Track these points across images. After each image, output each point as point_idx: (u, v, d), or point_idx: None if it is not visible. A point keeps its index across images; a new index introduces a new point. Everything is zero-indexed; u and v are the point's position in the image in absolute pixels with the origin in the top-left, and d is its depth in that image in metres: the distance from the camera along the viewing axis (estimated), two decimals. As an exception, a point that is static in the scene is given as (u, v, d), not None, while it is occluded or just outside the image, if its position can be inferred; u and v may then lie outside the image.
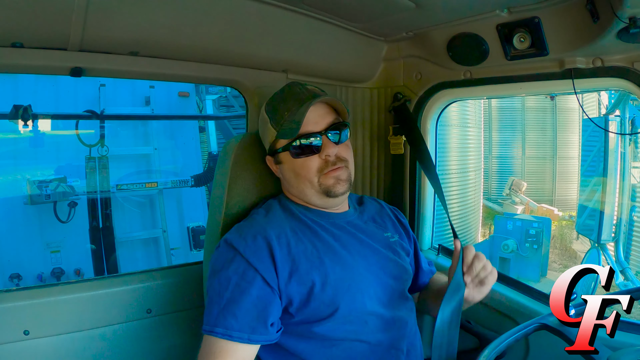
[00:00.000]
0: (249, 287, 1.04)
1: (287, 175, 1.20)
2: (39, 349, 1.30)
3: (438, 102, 1.67)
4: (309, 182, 1.16)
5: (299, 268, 1.08)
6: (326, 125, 1.16)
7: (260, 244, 1.08)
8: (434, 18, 1.40)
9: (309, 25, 1.44)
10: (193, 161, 5.20)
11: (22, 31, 1.12)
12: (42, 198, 4.14)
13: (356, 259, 1.16)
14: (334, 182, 1.16)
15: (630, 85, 1.22)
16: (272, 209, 1.21)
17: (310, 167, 1.15)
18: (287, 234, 1.12)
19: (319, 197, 1.18)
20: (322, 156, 1.15)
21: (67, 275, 4.29)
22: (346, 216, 1.25)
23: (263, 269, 1.06)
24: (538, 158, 11.05)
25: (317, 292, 1.08)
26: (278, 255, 1.08)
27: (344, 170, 1.17)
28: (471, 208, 7.15)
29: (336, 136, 1.17)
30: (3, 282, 4.02)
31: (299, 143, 1.15)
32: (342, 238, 1.18)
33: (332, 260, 1.12)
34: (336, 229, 1.20)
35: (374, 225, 1.29)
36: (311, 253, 1.12)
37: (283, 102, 1.17)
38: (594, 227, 5.81)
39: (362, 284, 1.14)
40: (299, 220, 1.18)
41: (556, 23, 1.23)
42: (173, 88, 5.02)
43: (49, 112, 4.19)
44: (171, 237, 4.85)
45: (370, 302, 1.13)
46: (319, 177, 1.15)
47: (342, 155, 1.17)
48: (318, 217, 1.20)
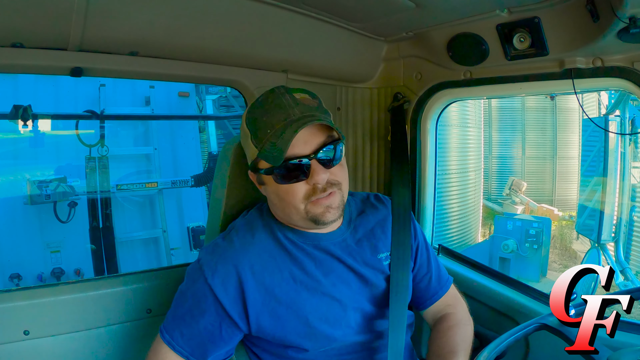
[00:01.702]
0: (200, 316, 1.03)
1: (271, 198, 1.08)
2: (39, 349, 1.29)
3: (438, 102, 1.67)
4: (295, 209, 1.03)
5: (273, 300, 1.03)
6: (317, 146, 1.00)
7: (231, 272, 1.02)
8: (434, 18, 1.40)
9: (308, 25, 1.44)
10: (193, 161, 5.20)
11: (22, 31, 1.12)
12: (42, 198, 4.14)
13: (338, 288, 1.08)
14: (323, 210, 1.02)
15: (630, 85, 1.22)
16: (253, 226, 1.11)
17: (296, 193, 1.01)
18: (263, 261, 1.05)
19: (305, 223, 1.06)
20: (310, 183, 1.00)
21: (67, 275, 4.29)
22: (334, 237, 1.12)
23: (227, 302, 1.02)
24: (538, 158, 11.05)
25: (293, 324, 1.04)
26: (249, 287, 1.02)
27: (335, 196, 1.03)
28: (471, 208, 7.15)
29: (330, 155, 1.02)
30: (3, 282, 4.02)
31: (284, 168, 0.99)
32: (324, 264, 1.09)
33: (309, 291, 1.05)
34: (320, 252, 1.09)
35: (368, 245, 1.16)
36: (287, 283, 1.05)
37: (266, 114, 1.00)
38: (594, 227, 5.82)
39: (341, 315, 1.07)
40: (278, 244, 1.08)
41: (556, 23, 1.23)
42: (173, 88, 5.02)
43: (49, 112, 4.19)
44: (171, 237, 4.85)
45: (350, 332, 1.08)
46: (306, 204, 1.02)
47: (335, 180, 1.03)
48: (301, 240, 1.09)
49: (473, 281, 1.60)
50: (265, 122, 1.00)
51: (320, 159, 1.01)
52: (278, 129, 0.97)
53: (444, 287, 1.26)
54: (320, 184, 1.00)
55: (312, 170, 1.00)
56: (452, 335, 1.15)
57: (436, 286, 1.25)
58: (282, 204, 1.05)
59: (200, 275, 1.03)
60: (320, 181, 1.00)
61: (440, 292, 1.25)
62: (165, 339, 1.05)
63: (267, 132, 0.99)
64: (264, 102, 1.03)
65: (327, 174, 1.01)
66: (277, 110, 0.99)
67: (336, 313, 1.07)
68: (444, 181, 6.37)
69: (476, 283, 1.60)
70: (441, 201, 6.23)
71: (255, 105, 1.04)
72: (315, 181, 1.00)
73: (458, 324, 1.19)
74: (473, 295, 1.58)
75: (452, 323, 1.20)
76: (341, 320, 1.07)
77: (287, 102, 1.00)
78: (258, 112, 1.02)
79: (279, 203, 1.06)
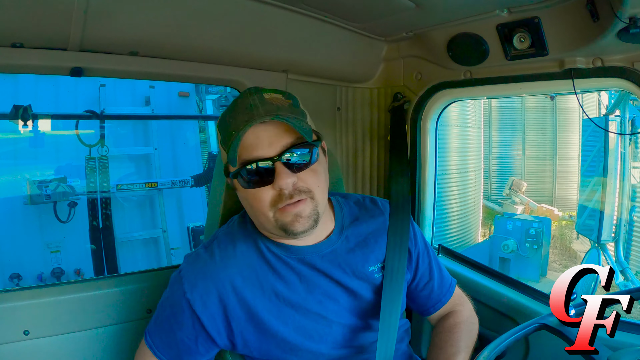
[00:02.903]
0: (177, 328, 1.01)
1: (244, 204, 1.03)
2: (39, 349, 1.29)
3: (438, 102, 1.67)
4: (264, 216, 0.96)
5: (255, 316, 1.00)
6: (282, 148, 0.92)
7: (211, 289, 0.99)
8: (434, 18, 1.40)
9: (309, 25, 1.44)
10: (193, 161, 5.20)
11: (22, 31, 1.12)
12: (42, 198, 4.13)
13: (324, 305, 1.03)
14: (291, 219, 0.94)
15: (630, 85, 1.22)
16: (235, 237, 1.05)
17: (263, 199, 0.94)
18: (244, 276, 1.01)
19: (278, 231, 0.98)
20: (275, 187, 0.93)
21: (67, 275, 4.29)
22: (321, 249, 1.05)
23: (205, 317, 0.99)
24: (538, 158, 11.04)
25: (276, 340, 1.01)
26: (230, 303, 1.00)
27: (305, 204, 0.95)
28: (471, 208, 7.14)
29: (299, 159, 0.94)
30: (3, 282, 4.02)
31: (246, 171, 0.93)
32: (310, 280, 1.03)
33: (293, 308, 1.01)
34: (305, 267, 1.03)
35: (360, 255, 1.08)
36: (269, 300, 1.00)
37: (233, 116, 0.95)
38: (594, 227, 5.81)
39: (327, 331, 1.03)
40: (261, 257, 1.03)
41: (556, 23, 1.23)
42: (173, 88, 5.01)
43: (49, 112, 4.19)
44: (171, 237, 4.85)
45: (336, 345, 1.05)
46: (274, 211, 0.95)
47: (304, 187, 0.94)
48: (284, 253, 1.03)
49: (473, 281, 1.60)
50: (230, 123, 0.95)
51: (286, 162, 0.93)
52: (241, 130, 0.91)
53: (447, 293, 1.22)
54: (285, 189, 0.93)
55: (276, 173, 0.92)
56: (458, 332, 1.13)
57: (439, 293, 1.21)
58: (252, 210, 1.00)
59: (180, 288, 1.01)
60: (284, 186, 0.92)
61: (444, 299, 1.22)
62: (147, 343, 1.05)
63: (232, 133, 0.94)
64: (233, 104, 0.98)
65: (294, 178, 0.93)
66: (242, 111, 0.94)
67: (321, 329, 1.03)
68: (444, 181, 6.36)
69: (476, 283, 1.60)
70: (441, 201, 6.23)
71: (228, 108, 0.99)
72: (280, 186, 0.92)
73: (464, 322, 1.17)
74: (473, 295, 1.57)
75: (458, 320, 1.17)
76: (327, 336, 1.04)
77: (253, 102, 0.94)
78: (227, 115, 0.98)
79: (250, 210, 1.01)
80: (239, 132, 0.91)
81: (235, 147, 0.91)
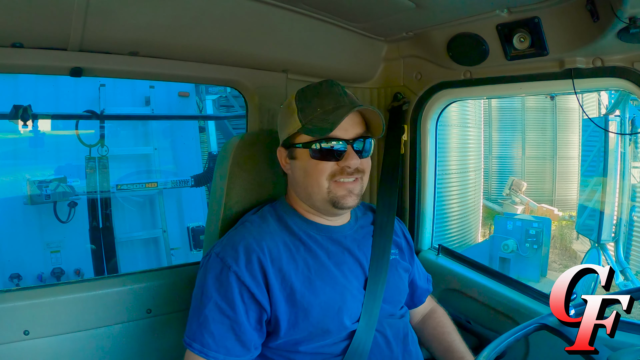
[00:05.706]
0: (227, 309, 1.02)
1: (297, 174, 1.14)
2: (39, 349, 1.29)
3: (438, 102, 1.67)
4: (318, 186, 1.10)
5: (289, 287, 1.05)
6: (355, 135, 1.10)
7: (252, 258, 1.05)
8: (434, 18, 1.40)
9: (308, 25, 1.44)
10: (193, 161, 5.20)
11: (22, 31, 1.12)
12: (42, 198, 4.13)
13: (349, 279, 1.13)
14: (345, 193, 1.10)
15: (630, 85, 1.22)
16: (265, 218, 1.16)
17: (324, 170, 1.09)
18: (279, 249, 1.09)
19: (324, 204, 1.12)
20: (340, 164, 1.09)
21: (67, 275, 4.28)
22: (345, 230, 1.19)
23: (253, 285, 1.03)
24: (538, 158, 11.05)
25: (307, 313, 1.05)
26: (270, 271, 1.05)
27: (358, 183, 1.12)
28: (471, 208, 7.14)
29: (360, 147, 1.11)
30: (3, 282, 4.02)
31: (321, 145, 1.08)
32: (336, 256, 1.14)
33: (323, 280, 1.09)
34: (332, 244, 1.15)
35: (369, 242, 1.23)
36: (302, 272, 1.08)
37: (318, 97, 1.11)
38: (594, 227, 5.81)
39: (350, 305, 1.11)
40: (292, 234, 1.13)
41: (556, 23, 1.23)
42: (173, 88, 5.01)
43: (49, 112, 4.19)
44: (171, 237, 4.84)
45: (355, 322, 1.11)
46: (330, 183, 1.09)
47: (362, 168, 1.12)
48: (314, 231, 1.15)
49: (473, 281, 1.60)
50: (316, 101, 1.11)
51: (355, 146, 1.10)
52: (328, 110, 1.09)
53: (429, 284, 1.39)
54: (351, 167, 1.09)
55: (347, 153, 1.09)
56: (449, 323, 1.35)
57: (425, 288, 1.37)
58: (306, 180, 1.11)
59: (223, 267, 1.04)
60: (352, 165, 1.09)
61: (426, 293, 1.38)
62: (195, 350, 1.02)
63: (316, 109, 1.10)
64: (316, 87, 1.14)
65: (359, 160, 1.10)
66: (329, 95, 1.11)
67: (347, 302, 1.10)
68: (444, 181, 6.36)
69: (476, 283, 1.59)
70: (441, 201, 6.23)
71: (308, 88, 1.15)
72: (348, 164, 1.08)
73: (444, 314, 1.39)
74: (473, 295, 1.58)
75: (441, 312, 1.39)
76: (350, 310, 1.11)
77: (338, 91, 1.12)
78: (310, 93, 1.13)
79: (304, 180, 1.12)
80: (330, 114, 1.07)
81: (334, 119, 1.06)
